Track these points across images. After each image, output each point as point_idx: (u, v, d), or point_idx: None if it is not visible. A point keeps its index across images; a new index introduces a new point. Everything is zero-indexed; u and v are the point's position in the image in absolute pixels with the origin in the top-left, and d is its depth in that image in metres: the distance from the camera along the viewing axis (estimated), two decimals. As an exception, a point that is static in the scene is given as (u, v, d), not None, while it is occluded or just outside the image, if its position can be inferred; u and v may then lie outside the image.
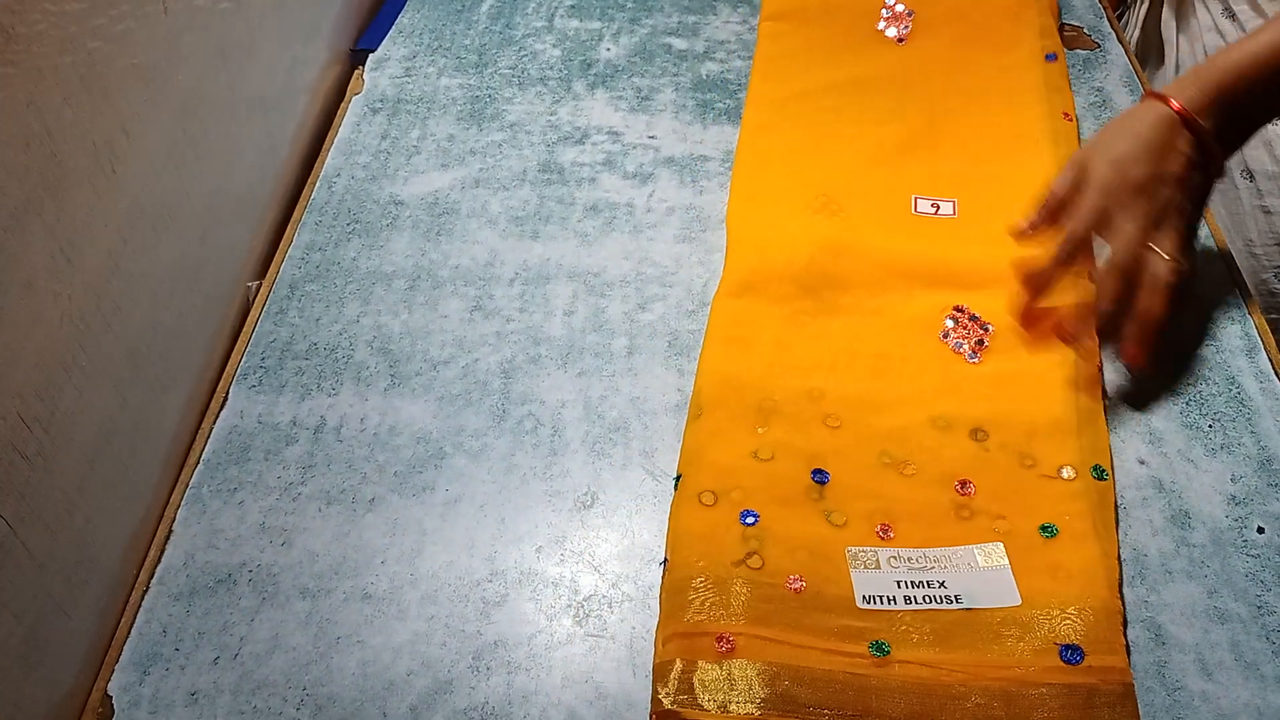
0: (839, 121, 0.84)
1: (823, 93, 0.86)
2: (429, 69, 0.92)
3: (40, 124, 0.50)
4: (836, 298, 0.69)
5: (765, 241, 0.73)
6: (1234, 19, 0.83)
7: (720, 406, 0.62)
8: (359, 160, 0.83)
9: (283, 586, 0.57)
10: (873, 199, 0.76)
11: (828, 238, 0.72)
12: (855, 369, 0.65)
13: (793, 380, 0.64)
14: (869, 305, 0.69)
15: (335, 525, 0.59)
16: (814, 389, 0.63)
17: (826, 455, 0.60)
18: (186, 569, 0.58)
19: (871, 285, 0.69)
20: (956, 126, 0.82)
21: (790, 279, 0.70)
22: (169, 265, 0.64)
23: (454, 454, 0.63)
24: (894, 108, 0.84)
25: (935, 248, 0.72)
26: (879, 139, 0.81)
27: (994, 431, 0.61)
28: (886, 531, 0.56)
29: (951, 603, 0.52)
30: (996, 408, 0.62)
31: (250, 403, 0.66)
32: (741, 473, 0.59)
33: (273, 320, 0.71)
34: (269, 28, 0.79)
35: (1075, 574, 0.53)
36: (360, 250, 0.75)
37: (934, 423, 0.61)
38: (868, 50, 0.90)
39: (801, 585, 0.53)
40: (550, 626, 0.55)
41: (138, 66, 0.59)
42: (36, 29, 0.49)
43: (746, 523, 0.56)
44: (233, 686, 0.53)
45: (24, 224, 0.49)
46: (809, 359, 0.65)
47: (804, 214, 0.75)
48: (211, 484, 0.62)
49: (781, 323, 0.67)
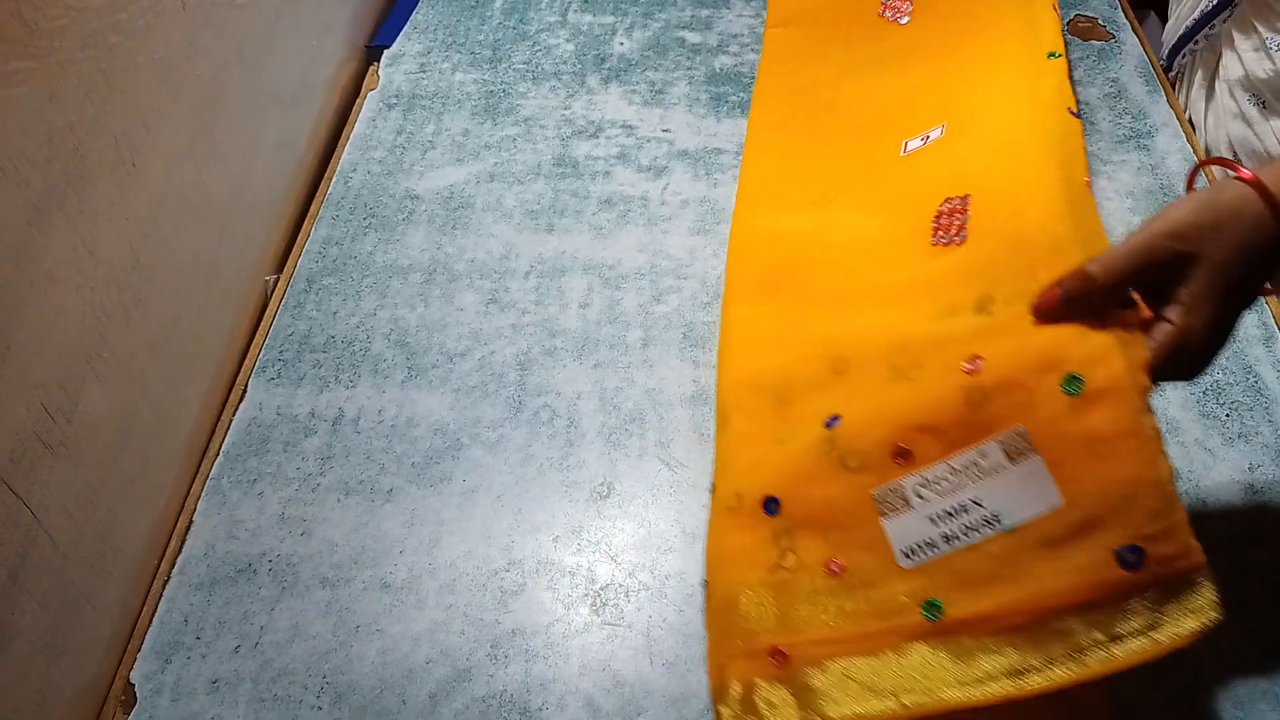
0: (840, 107, 0.82)
1: (824, 84, 0.85)
2: (444, 64, 0.93)
3: (62, 118, 0.50)
4: (832, 266, 0.66)
5: (767, 242, 0.71)
6: (1264, 106, 0.79)
7: (741, 410, 0.61)
8: (375, 155, 0.83)
9: (302, 576, 0.57)
10: (869, 171, 0.74)
11: (821, 222, 0.71)
12: (857, 306, 0.61)
13: (806, 353, 0.60)
14: (861, 248, 0.65)
15: (354, 516, 0.60)
16: (823, 347, 0.59)
17: (836, 399, 0.55)
18: (207, 559, 0.58)
19: (860, 240, 0.66)
20: (948, 84, 0.78)
21: (791, 270, 0.68)
22: (189, 258, 0.64)
23: (471, 445, 0.63)
24: (894, 80, 0.82)
25: (923, 167, 0.69)
26: (878, 113, 0.79)
27: (998, 292, 0.53)
28: (905, 455, 0.50)
29: (992, 526, 0.46)
30: (995, 269, 0.55)
31: (269, 395, 0.66)
32: (762, 464, 0.56)
33: (291, 313, 0.71)
34: (286, 24, 0.80)
35: (1114, 440, 0.44)
36: (377, 244, 0.76)
37: (939, 315, 0.55)
38: (870, 35, 0.88)
39: (840, 566, 0.50)
40: (567, 615, 0.55)
41: (157, 62, 0.60)
42: (58, 24, 0.50)
43: (769, 512, 0.53)
44: (253, 675, 0.53)
45: (46, 217, 0.49)
46: (818, 330, 0.62)
47: (804, 209, 0.74)
48: (231, 475, 0.62)
49: (788, 315, 0.65)
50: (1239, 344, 0.66)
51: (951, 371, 0.50)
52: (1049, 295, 0.48)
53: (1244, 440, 0.61)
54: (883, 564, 0.49)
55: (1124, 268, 0.46)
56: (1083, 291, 0.47)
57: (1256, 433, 0.61)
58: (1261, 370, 0.64)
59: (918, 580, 0.48)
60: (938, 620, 0.46)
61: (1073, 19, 0.93)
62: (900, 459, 0.50)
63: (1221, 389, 0.63)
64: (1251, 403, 0.62)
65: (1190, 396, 0.63)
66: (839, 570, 0.50)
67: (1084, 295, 0.47)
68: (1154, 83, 0.86)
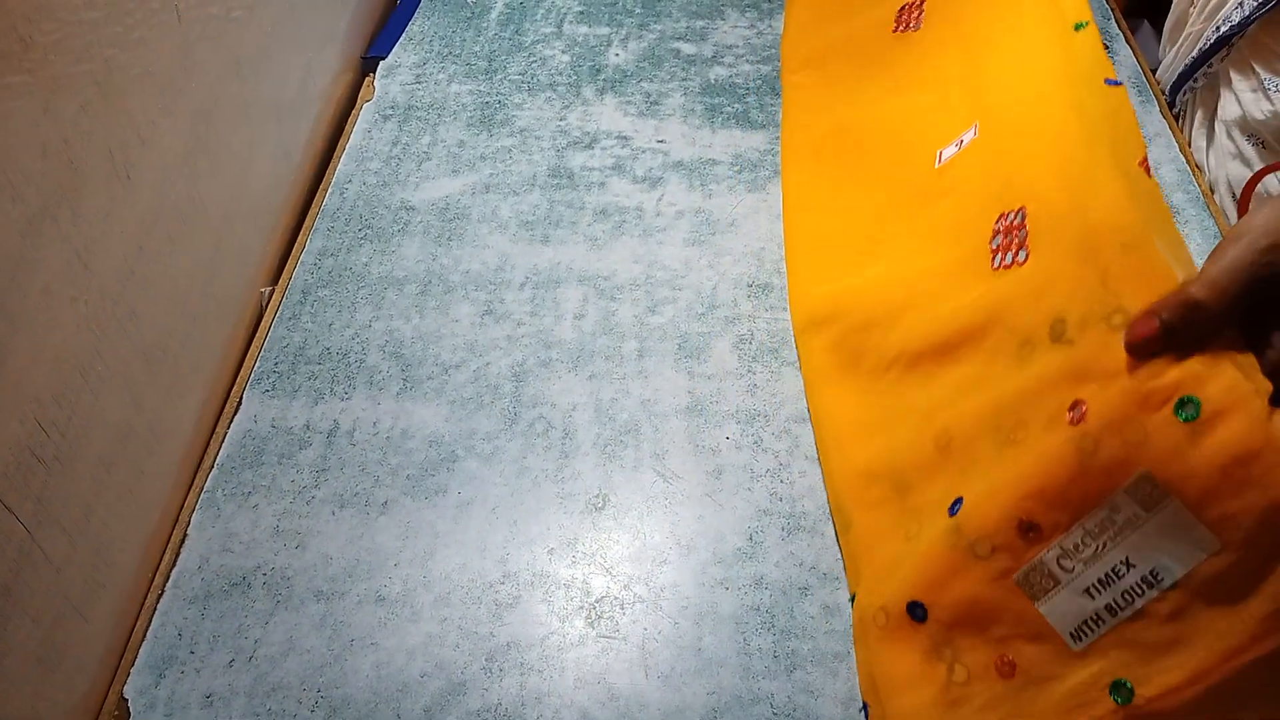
0: (868, 137, 0.77)
1: (852, 121, 0.80)
2: (439, 75, 0.93)
3: (57, 131, 0.50)
4: (901, 317, 0.61)
5: (832, 310, 0.67)
6: (1263, 147, 0.79)
7: (862, 506, 0.56)
8: (370, 166, 0.84)
9: (297, 589, 0.57)
10: (909, 195, 0.69)
11: (878, 275, 0.66)
12: (938, 360, 0.56)
13: (908, 430, 0.56)
14: (922, 287, 0.61)
15: (348, 528, 0.60)
16: (923, 420, 0.55)
17: (952, 480, 0.51)
18: (201, 572, 0.58)
19: (920, 278, 0.62)
20: (973, 78, 0.72)
21: (863, 335, 0.63)
22: (184, 271, 0.64)
23: (466, 457, 0.63)
24: (916, 91, 0.76)
25: (965, 178, 0.64)
26: (906, 128, 0.74)
27: (1070, 312, 0.47)
28: (1032, 529, 0.45)
29: (1153, 586, 0.42)
30: (1064, 284, 0.49)
31: (264, 407, 0.66)
32: (897, 568, 0.52)
33: (286, 325, 0.71)
34: (281, 35, 0.80)
35: (1250, 461, 0.39)
36: (372, 255, 0.76)
37: (1018, 353, 0.50)
38: (888, 56, 0.83)
39: (1010, 663, 0.46)
40: (563, 628, 0.55)
41: (152, 74, 0.60)
42: (53, 38, 0.50)
43: (917, 619, 0.49)
44: (247, 689, 0.53)
45: (41, 230, 0.49)
46: (911, 401, 0.57)
47: (857, 263, 0.69)
48: (226, 488, 0.62)
49: (876, 390, 0.61)
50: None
51: (1056, 424, 0.45)
52: (1144, 327, 0.41)
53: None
54: (1054, 652, 0.44)
55: (1234, 288, 0.39)
56: (1188, 321, 0.40)
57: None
58: None
59: (1096, 662, 0.43)
60: (1131, 704, 0.42)
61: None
62: (1029, 534, 0.45)
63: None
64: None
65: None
66: (1010, 670, 0.46)
67: (1189, 325, 0.40)
68: (1147, 93, 0.86)
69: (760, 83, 0.91)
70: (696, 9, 1.00)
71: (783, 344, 0.69)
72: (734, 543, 0.59)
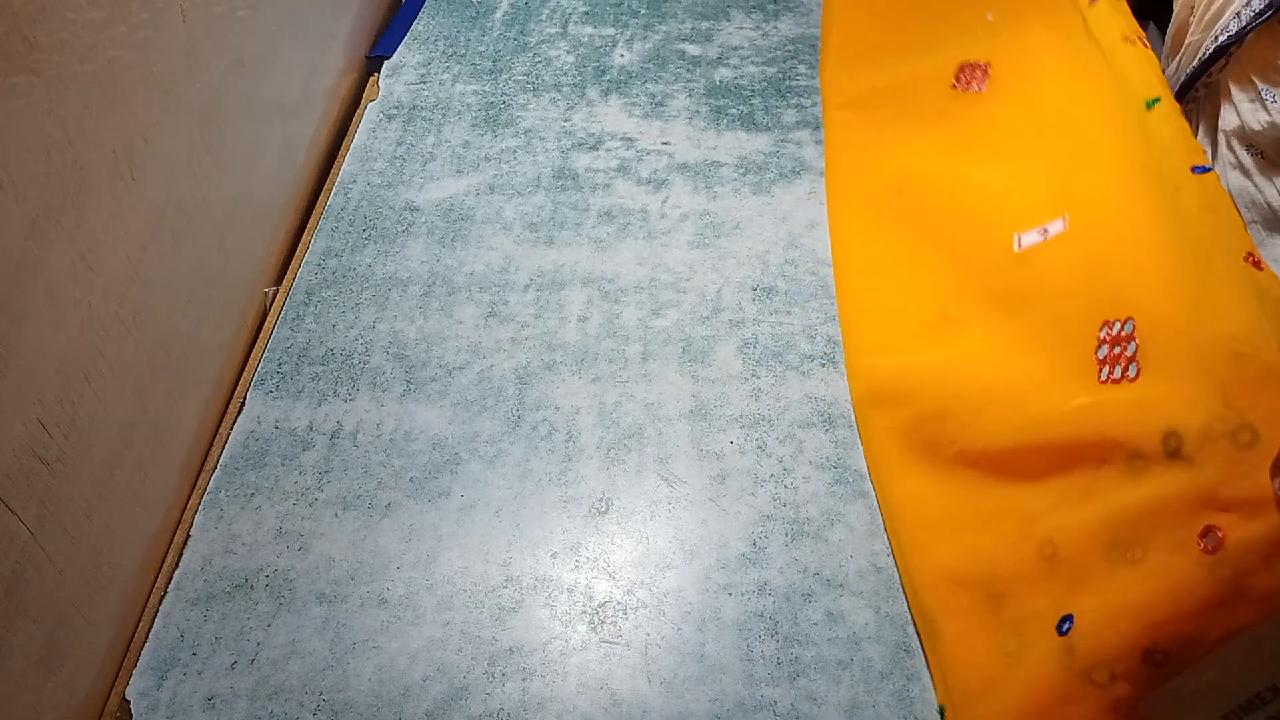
0: (932, 201, 0.74)
1: (910, 174, 0.77)
2: (444, 75, 0.93)
3: (61, 132, 0.50)
4: (986, 411, 0.59)
5: (900, 385, 0.64)
6: (1261, 157, 0.79)
7: (950, 614, 0.54)
8: (375, 167, 0.83)
9: (299, 592, 0.57)
10: (985, 276, 0.66)
11: (954, 354, 0.64)
12: (1038, 460, 0.54)
13: (1004, 533, 0.53)
14: (1015, 384, 0.58)
15: (351, 531, 0.60)
16: (1023, 523, 0.53)
17: (1059, 596, 0.48)
18: (204, 574, 0.58)
19: (1012, 374, 0.59)
20: (1050, 157, 0.70)
21: (941, 423, 0.61)
22: (187, 272, 0.64)
23: (469, 460, 0.63)
24: (987, 164, 0.74)
25: (1055, 274, 0.61)
26: (979, 203, 0.71)
27: (1187, 426, 0.46)
28: (1161, 658, 0.43)
29: None
30: (1178, 400, 0.48)
31: (267, 408, 0.66)
32: (997, 686, 0.49)
33: (289, 326, 0.71)
34: (286, 35, 0.80)
35: None
36: (376, 256, 0.76)
37: (1129, 467, 0.48)
38: (948, 112, 0.80)
39: None
40: (565, 633, 0.55)
41: (157, 74, 0.60)
42: (58, 38, 0.50)
43: None
44: (249, 691, 0.53)
45: (45, 231, 0.49)
46: (1006, 501, 0.55)
47: (927, 337, 0.66)
48: (229, 489, 0.62)
49: (964, 483, 0.58)
50: None
51: (1185, 550, 0.43)
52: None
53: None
54: None
55: None
56: None
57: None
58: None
59: None
60: None
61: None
62: (1156, 663, 0.43)
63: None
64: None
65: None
66: None
67: None
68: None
69: (765, 85, 0.91)
70: (702, 10, 1.00)
71: (787, 348, 0.69)
72: (737, 548, 0.59)
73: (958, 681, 0.52)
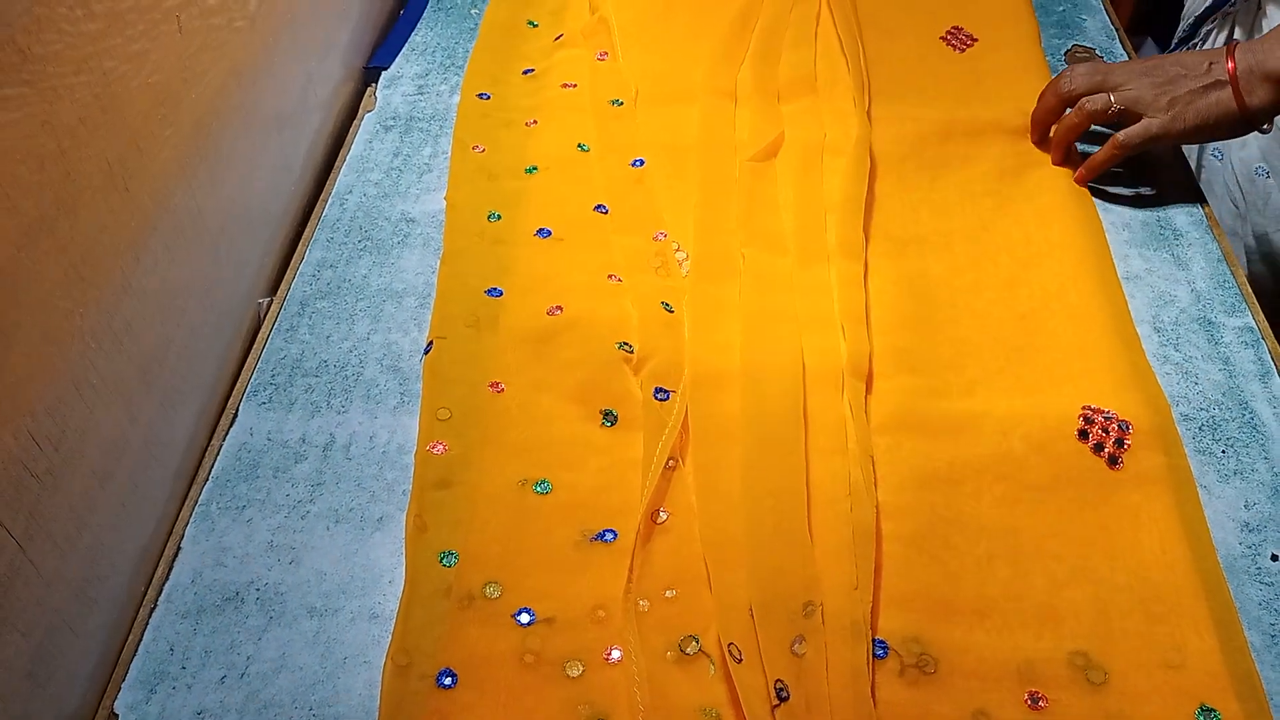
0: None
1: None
2: (441, 86, 0.93)
3: (55, 143, 0.50)
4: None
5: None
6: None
7: None
8: (371, 177, 0.83)
9: (290, 605, 0.57)
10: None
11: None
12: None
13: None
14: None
15: (343, 544, 0.59)
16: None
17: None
18: (194, 587, 0.58)
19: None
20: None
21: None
22: (181, 282, 0.64)
23: (463, 473, 0.63)
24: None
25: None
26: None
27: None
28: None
29: None
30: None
31: (260, 420, 0.66)
32: None
33: (283, 337, 0.71)
34: (283, 46, 0.80)
35: None
36: (371, 267, 0.76)
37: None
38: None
39: None
40: (557, 648, 0.55)
41: (152, 85, 0.60)
42: (52, 49, 0.50)
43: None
44: (239, 706, 0.53)
45: (37, 242, 0.49)
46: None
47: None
48: (220, 501, 0.62)
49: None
50: (1236, 380, 0.65)
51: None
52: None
53: (1239, 477, 0.60)
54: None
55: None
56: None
57: (1253, 470, 0.61)
58: (1258, 407, 0.64)
59: None
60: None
61: (1070, 49, 0.93)
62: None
63: (1217, 425, 0.63)
64: (1247, 440, 0.62)
65: (1186, 432, 0.62)
66: None
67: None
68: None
69: (763, 98, 0.91)
70: (700, 23, 1.00)
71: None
72: (731, 564, 0.58)
73: None
